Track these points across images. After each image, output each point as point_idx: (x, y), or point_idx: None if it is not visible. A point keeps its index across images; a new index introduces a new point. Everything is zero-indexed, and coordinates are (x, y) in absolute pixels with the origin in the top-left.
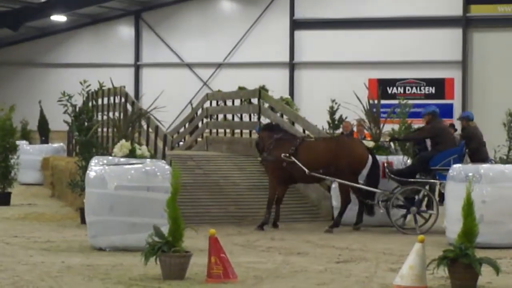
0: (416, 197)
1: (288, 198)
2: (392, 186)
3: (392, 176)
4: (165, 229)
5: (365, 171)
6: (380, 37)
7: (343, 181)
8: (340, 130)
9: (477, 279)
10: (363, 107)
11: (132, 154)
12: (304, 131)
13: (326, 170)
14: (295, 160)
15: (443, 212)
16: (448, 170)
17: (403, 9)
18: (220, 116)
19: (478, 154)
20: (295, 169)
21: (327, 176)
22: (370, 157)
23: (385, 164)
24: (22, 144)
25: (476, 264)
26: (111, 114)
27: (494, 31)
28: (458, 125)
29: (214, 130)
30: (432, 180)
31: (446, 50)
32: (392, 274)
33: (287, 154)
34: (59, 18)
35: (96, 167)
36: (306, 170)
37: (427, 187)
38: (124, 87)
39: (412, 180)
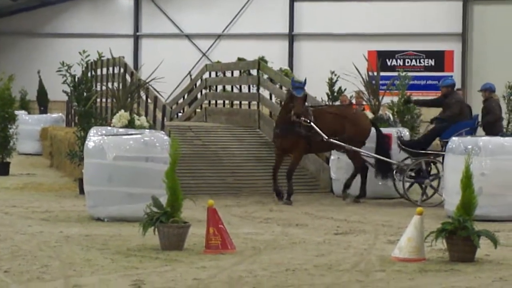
0: (428, 169)
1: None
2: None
3: (404, 147)
4: (163, 200)
5: (372, 144)
6: (380, 8)
7: (360, 150)
8: (338, 103)
9: (476, 251)
10: (362, 79)
11: (131, 124)
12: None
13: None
14: (316, 128)
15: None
16: None
17: None
18: (219, 87)
19: (493, 128)
20: (314, 138)
21: (343, 144)
22: (373, 129)
23: (397, 135)
24: (21, 114)
25: (474, 237)
26: (110, 85)
27: (494, 4)
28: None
29: (213, 101)
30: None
31: (445, 22)
32: (391, 246)
33: (308, 121)
34: None
35: (95, 137)
36: (325, 137)
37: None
38: (123, 57)
39: (424, 151)
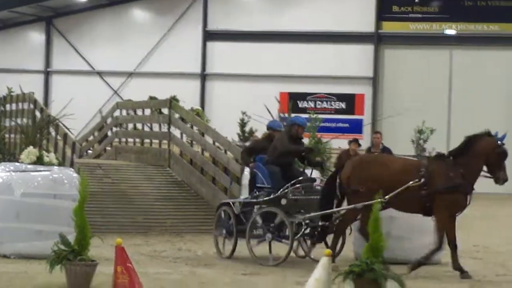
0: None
1: (196, 209)
2: None
3: None
4: (71, 237)
5: None
6: (293, 51)
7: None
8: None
9: None
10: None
11: (39, 161)
12: (214, 143)
13: None
14: None
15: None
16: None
17: (316, 24)
18: (130, 126)
19: None
20: None
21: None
22: None
23: None
24: None
25: (381, 279)
26: (19, 120)
27: (405, 48)
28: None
29: (123, 139)
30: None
31: (357, 66)
32: (299, 287)
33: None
34: None
35: (3, 173)
36: None
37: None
38: (33, 93)
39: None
